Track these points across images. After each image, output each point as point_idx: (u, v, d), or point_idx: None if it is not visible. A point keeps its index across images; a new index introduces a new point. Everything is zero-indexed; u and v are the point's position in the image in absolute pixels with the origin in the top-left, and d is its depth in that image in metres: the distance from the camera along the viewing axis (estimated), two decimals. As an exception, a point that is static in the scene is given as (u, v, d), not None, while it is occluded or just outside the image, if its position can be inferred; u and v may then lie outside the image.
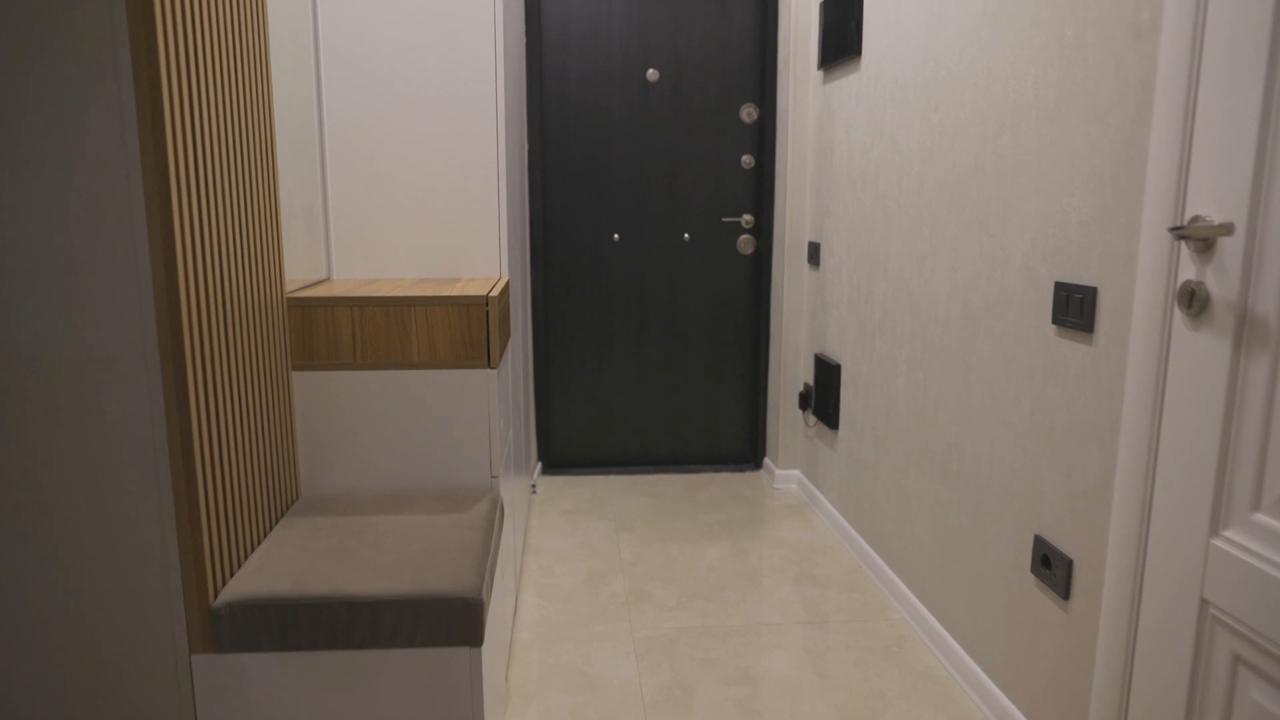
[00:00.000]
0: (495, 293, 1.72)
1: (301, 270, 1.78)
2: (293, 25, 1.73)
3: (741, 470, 3.48)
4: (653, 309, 3.37)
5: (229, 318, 1.37)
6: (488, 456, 1.74)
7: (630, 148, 3.26)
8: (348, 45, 1.89)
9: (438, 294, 1.68)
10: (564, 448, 3.46)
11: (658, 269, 3.34)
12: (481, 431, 1.72)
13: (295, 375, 1.68)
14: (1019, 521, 1.75)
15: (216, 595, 1.30)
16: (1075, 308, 1.53)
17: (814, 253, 3.05)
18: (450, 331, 1.67)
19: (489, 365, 1.69)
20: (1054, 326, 1.61)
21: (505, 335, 1.88)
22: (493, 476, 1.75)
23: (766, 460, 3.42)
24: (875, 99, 2.46)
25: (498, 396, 1.74)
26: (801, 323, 3.21)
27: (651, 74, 3.21)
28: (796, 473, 3.29)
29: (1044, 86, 1.62)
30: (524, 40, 3.05)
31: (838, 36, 2.72)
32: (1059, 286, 1.58)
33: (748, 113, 3.25)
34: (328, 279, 1.96)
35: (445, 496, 1.70)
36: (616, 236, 3.31)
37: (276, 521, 1.58)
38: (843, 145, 2.74)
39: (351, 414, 1.70)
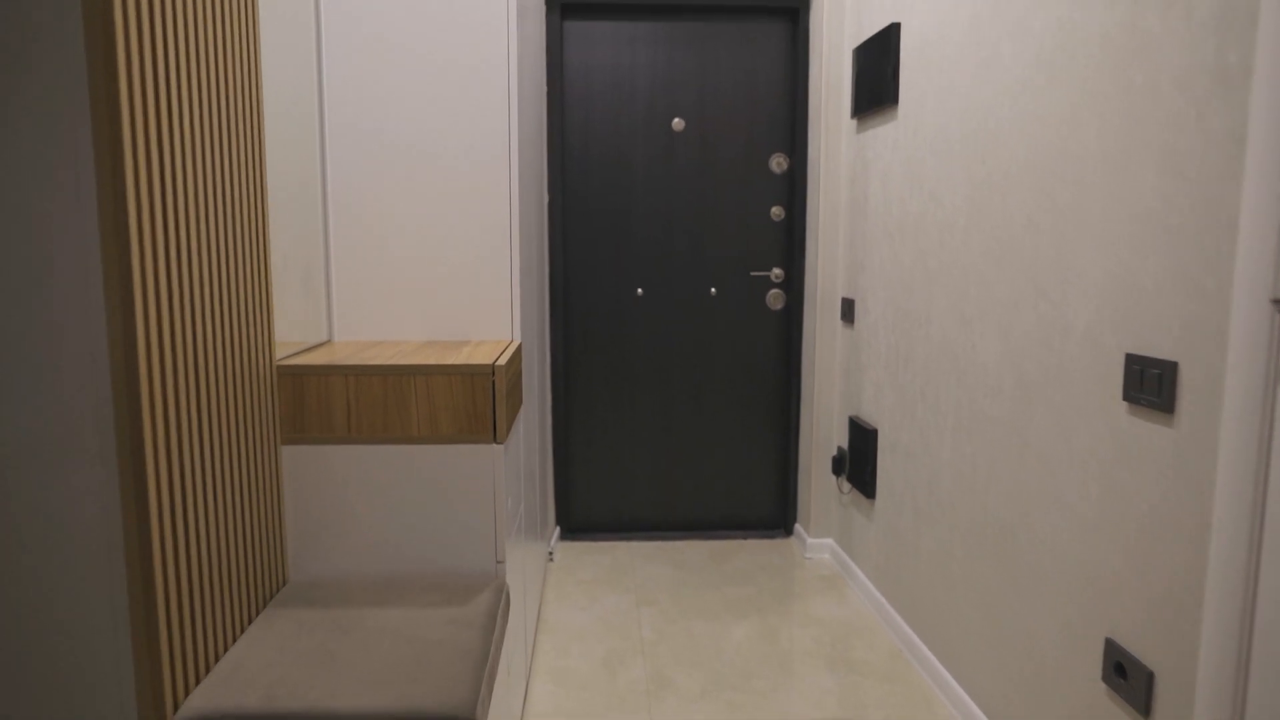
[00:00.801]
0: (503, 360, 1.57)
1: (300, 332, 1.66)
2: (295, 82, 1.63)
3: (771, 537, 3.28)
4: (678, 366, 3.22)
5: (205, 391, 1.23)
6: (493, 540, 1.58)
7: (655, 199, 3.14)
8: (353, 102, 1.79)
9: (440, 362, 1.54)
10: (584, 513, 3.29)
11: (683, 325, 3.20)
12: (486, 513, 1.57)
13: (285, 450, 1.54)
14: (1086, 621, 1.55)
15: (177, 708, 1.15)
16: (1151, 384, 1.36)
17: (848, 309, 2.89)
18: (453, 403, 1.53)
19: (495, 440, 1.55)
20: (1125, 403, 1.44)
21: (515, 405, 1.74)
22: (498, 562, 1.59)
23: (798, 527, 3.23)
24: (913, 149, 2.32)
25: (505, 474, 1.59)
26: (834, 383, 3.03)
27: (677, 123, 3.10)
28: (830, 541, 3.09)
29: (1109, 138, 1.47)
30: (544, 90, 2.96)
31: (872, 84, 2.59)
32: (1130, 359, 1.41)
33: (777, 163, 3.13)
34: (329, 341, 1.83)
35: (445, 585, 1.54)
36: (640, 291, 3.17)
37: (260, 609, 1.43)
38: (878, 197, 2.60)
39: (345, 492, 1.56)
